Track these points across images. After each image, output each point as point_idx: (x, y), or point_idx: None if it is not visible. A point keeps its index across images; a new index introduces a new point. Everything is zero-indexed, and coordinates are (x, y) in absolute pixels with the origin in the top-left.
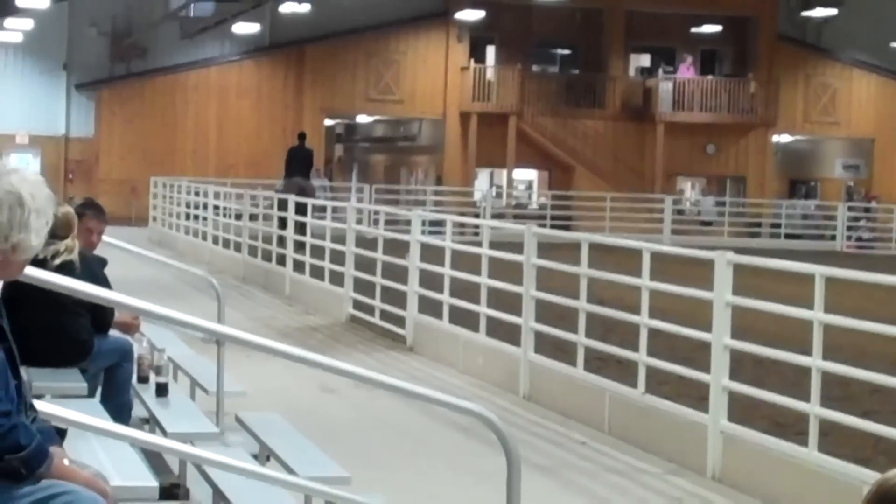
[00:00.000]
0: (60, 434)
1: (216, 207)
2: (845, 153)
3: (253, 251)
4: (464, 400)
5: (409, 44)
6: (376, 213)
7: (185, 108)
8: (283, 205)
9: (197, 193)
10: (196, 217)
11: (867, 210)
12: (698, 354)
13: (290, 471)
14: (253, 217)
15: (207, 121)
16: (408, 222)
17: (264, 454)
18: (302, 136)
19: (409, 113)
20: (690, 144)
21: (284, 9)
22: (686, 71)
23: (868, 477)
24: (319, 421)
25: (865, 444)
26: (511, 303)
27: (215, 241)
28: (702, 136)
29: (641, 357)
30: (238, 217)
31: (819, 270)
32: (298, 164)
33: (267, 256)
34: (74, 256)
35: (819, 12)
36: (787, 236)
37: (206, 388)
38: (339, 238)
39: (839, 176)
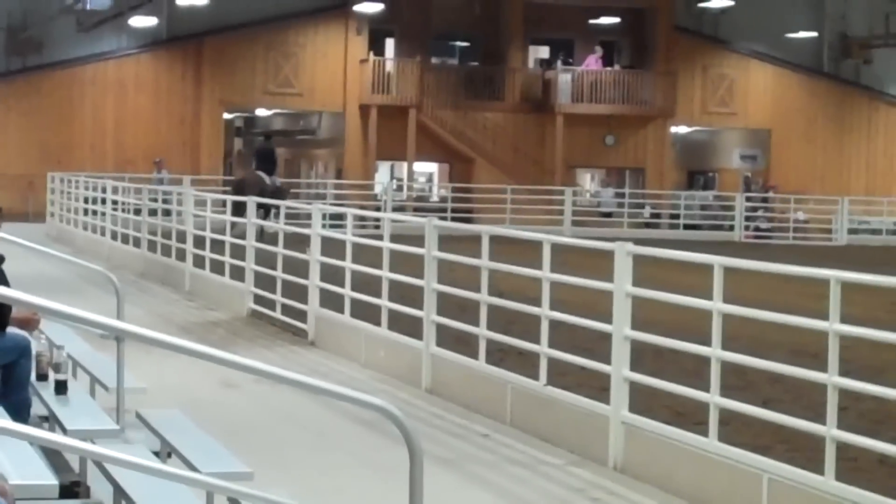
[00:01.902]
0: None
1: (114, 202)
2: (743, 144)
3: (152, 246)
4: (366, 394)
5: (308, 36)
6: (276, 206)
7: (82, 103)
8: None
9: (95, 189)
10: (94, 213)
11: (765, 200)
12: (599, 345)
13: (192, 467)
14: (152, 212)
15: (105, 115)
16: (308, 216)
17: (166, 451)
18: (267, 136)
19: (309, 106)
20: (590, 136)
21: (182, 1)
22: (594, 63)
23: (767, 465)
24: (221, 417)
25: (765, 433)
26: (413, 296)
27: (114, 236)
28: (601, 127)
29: (543, 349)
30: (137, 212)
31: (717, 261)
32: (261, 161)
33: (166, 252)
34: None
35: (716, 3)
36: (687, 227)
37: (106, 384)
38: (240, 233)
39: (737, 166)
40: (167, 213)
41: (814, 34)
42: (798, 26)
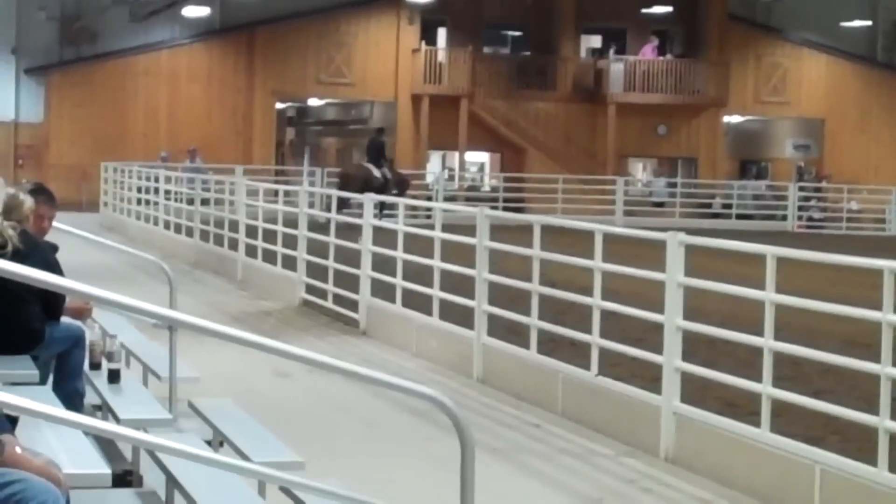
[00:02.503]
0: (12, 422)
1: (167, 192)
2: (796, 133)
3: (205, 236)
4: (418, 384)
5: (359, 26)
6: (328, 196)
7: (135, 93)
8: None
9: (148, 178)
10: (147, 202)
11: (818, 190)
12: (651, 336)
13: (244, 456)
14: (205, 202)
15: (158, 105)
16: (360, 206)
17: (218, 440)
18: (379, 130)
19: (361, 96)
20: (641, 125)
21: None
22: (650, 52)
23: (820, 456)
24: (273, 406)
25: (817, 424)
26: (464, 286)
27: (167, 226)
28: (653, 117)
29: (594, 339)
30: (190, 202)
31: (770, 251)
32: (371, 153)
33: (219, 241)
34: (16, 241)
35: None
36: (739, 217)
37: (159, 374)
38: (292, 222)
39: (790, 156)
40: (219, 202)
41: (868, 23)
42: (852, 15)
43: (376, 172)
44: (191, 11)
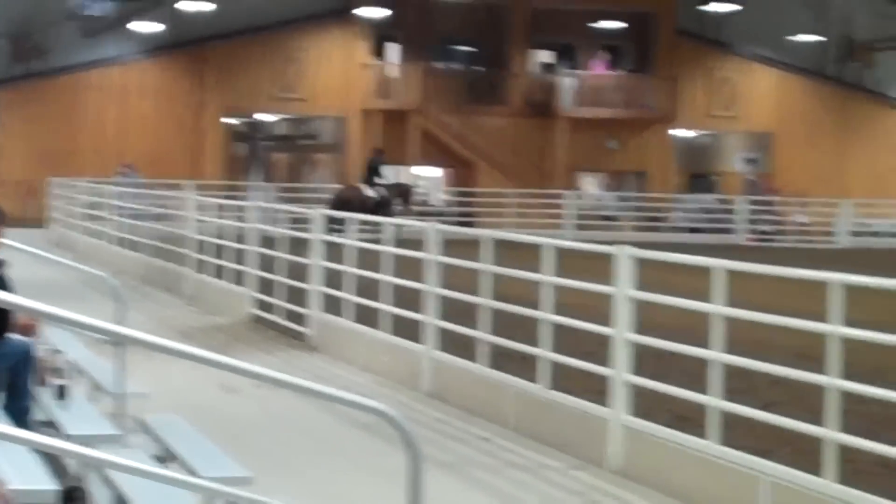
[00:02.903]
0: None
1: (116, 208)
2: (745, 147)
3: (154, 252)
4: (367, 398)
5: (311, 41)
6: (278, 211)
7: (85, 109)
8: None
9: (97, 194)
10: (96, 218)
11: (767, 203)
12: (601, 349)
13: (192, 472)
14: (154, 217)
15: (108, 120)
16: (310, 221)
17: (166, 456)
18: (378, 151)
19: (312, 111)
20: (592, 140)
21: (186, 7)
22: (601, 67)
23: (769, 468)
24: (222, 422)
25: (767, 436)
26: (414, 300)
27: (116, 241)
28: (603, 131)
29: (544, 352)
30: (138, 217)
31: (719, 264)
32: (366, 172)
33: (168, 257)
34: None
35: (719, 7)
36: (689, 230)
37: (107, 390)
38: (241, 237)
39: (739, 170)
40: (169, 217)
41: (817, 37)
42: (801, 29)
43: (369, 192)
44: (142, 27)
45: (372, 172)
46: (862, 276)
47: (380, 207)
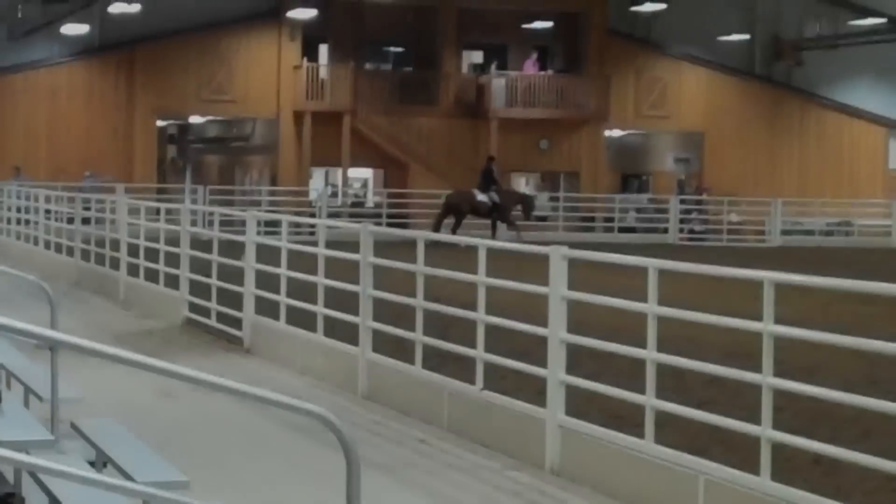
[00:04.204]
0: None
1: (47, 211)
2: (676, 146)
3: (86, 256)
4: (302, 400)
5: (241, 43)
6: (211, 214)
7: (13, 111)
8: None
9: (27, 198)
10: (27, 222)
11: (698, 203)
12: (537, 349)
13: (128, 476)
14: (85, 221)
15: (37, 123)
16: (243, 223)
17: (101, 460)
18: (491, 158)
19: (243, 113)
20: (524, 140)
21: (114, 9)
22: (531, 67)
23: (704, 466)
24: (157, 426)
25: (702, 434)
26: (349, 302)
27: (47, 245)
28: (535, 131)
29: (479, 353)
30: (70, 221)
31: (651, 263)
32: (481, 178)
33: (100, 261)
34: None
35: (648, 7)
36: (622, 230)
37: (41, 395)
38: (174, 241)
39: (671, 169)
40: (100, 221)
41: (746, 37)
42: (730, 29)
43: (481, 197)
44: (70, 29)
45: (486, 179)
46: (793, 275)
47: (493, 213)
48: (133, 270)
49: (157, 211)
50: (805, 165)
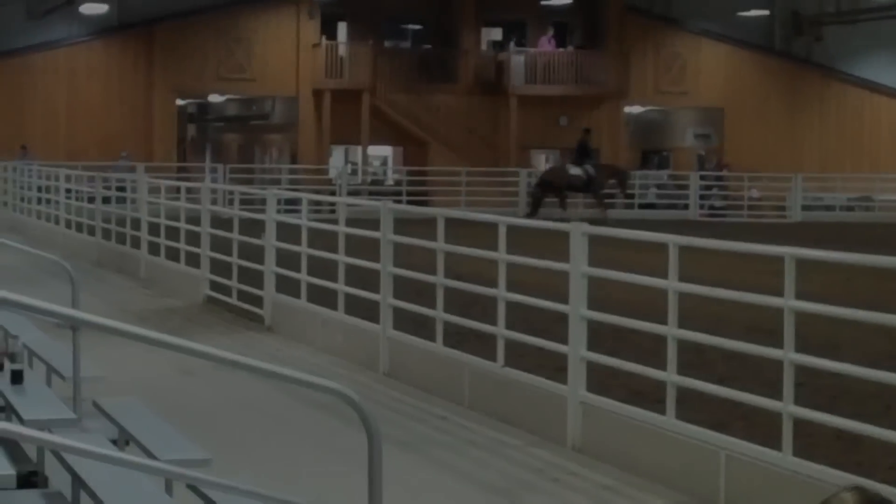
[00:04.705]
0: None
1: (68, 191)
2: (696, 123)
3: (107, 235)
4: (323, 378)
5: (259, 21)
6: (231, 192)
7: (33, 91)
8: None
9: (48, 177)
10: (48, 201)
11: (719, 178)
12: (557, 326)
13: (150, 455)
14: (106, 200)
15: (57, 103)
16: (263, 201)
17: (123, 439)
18: (587, 130)
19: (262, 91)
20: (544, 117)
21: None
22: (547, 44)
23: (725, 442)
24: (179, 404)
25: (722, 410)
26: (369, 280)
27: (68, 224)
28: (555, 108)
29: (500, 330)
30: (91, 200)
31: (672, 240)
32: (576, 152)
33: (121, 240)
34: None
35: None
36: (642, 206)
37: (63, 374)
38: (195, 220)
39: (690, 145)
40: (122, 200)
41: (765, 12)
42: (749, 4)
43: (576, 171)
44: (89, 9)
45: (582, 152)
46: (813, 250)
47: (588, 185)
48: (154, 249)
49: (178, 189)
50: (825, 141)
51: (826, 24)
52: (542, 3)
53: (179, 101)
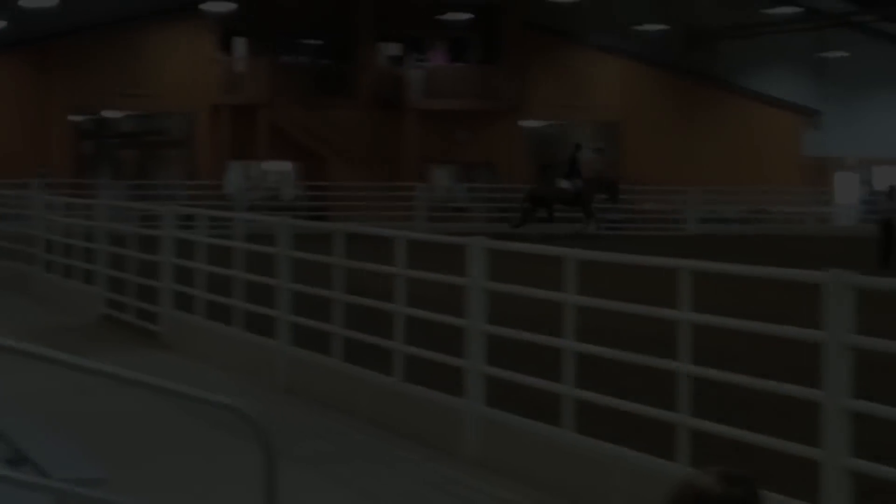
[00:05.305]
0: None
1: None
2: (593, 136)
3: (1, 252)
4: (219, 395)
5: (157, 37)
6: (128, 209)
7: None
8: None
9: None
10: None
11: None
12: (457, 341)
13: (45, 474)
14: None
15: None
16: (160, 218)
17: (18, 458)
18: (578, 146)
19: (159, 107)
20: (442, 132)
21: (27, 4)
22: (441, 58)
23: (623, 454)
24: (75, 423)
25: (622, 423)
26: (268, 296)
27: None
28: (453, 123)
29: (398, 345)
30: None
31: (571, 254)
32: (567, 167)
33: (16, 257)
34: None
35: None
36: (540, 220)
37: None
38: (91, 236)
39: (587, 159)
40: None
41: (662, 26)
42: (646, 19)
43: (565, 185)
44: None
45: (569, 167)
46: (709, 263)
47: (578, 199)
48: (49, 267)
49: (71, 207)
50: (722, 154)
51: (721, 38)
52: (441, 18)
53: (76, 118)
